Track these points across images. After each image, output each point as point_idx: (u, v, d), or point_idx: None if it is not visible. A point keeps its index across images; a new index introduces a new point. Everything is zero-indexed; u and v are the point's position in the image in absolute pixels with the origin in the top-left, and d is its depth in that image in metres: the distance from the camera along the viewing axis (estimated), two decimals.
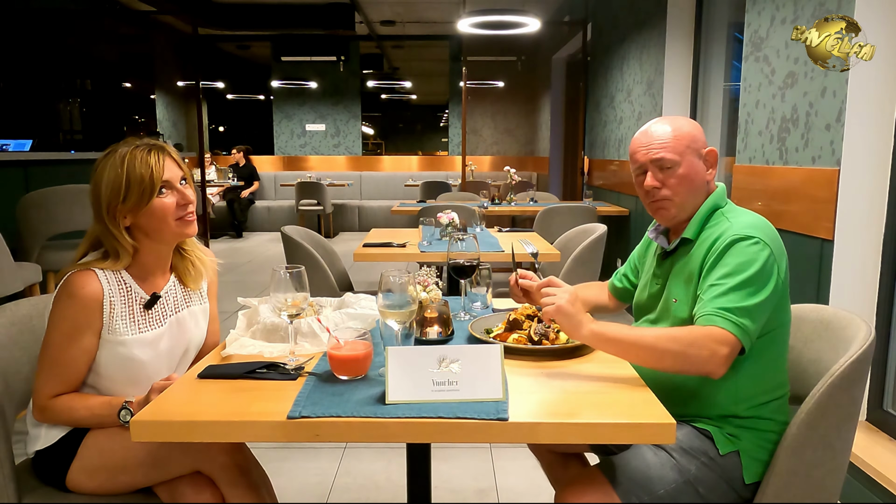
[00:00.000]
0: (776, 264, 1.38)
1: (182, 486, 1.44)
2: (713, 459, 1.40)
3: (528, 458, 1.98)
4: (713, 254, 1.42)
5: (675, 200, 1.51)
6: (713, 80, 4.29)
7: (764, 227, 1.43)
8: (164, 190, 1.48)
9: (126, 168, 1.44)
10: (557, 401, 1.24)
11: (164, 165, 1.48)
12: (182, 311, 1.61)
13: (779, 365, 1.47)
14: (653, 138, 1.52)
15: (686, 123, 1.54)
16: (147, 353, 1.52)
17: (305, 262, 2.83)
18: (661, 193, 1.51)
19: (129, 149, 1.46)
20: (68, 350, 1.43)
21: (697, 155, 1.52)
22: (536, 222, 4.70)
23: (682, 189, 1.50)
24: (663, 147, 1.50)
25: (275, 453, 2.71)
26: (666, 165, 1.50)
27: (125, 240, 1.48)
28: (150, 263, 1.55)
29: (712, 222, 1.50)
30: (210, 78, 11.23)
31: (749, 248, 1.37)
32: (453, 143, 11.47)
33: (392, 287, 1.32)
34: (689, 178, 1.50)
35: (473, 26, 5.46)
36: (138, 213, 1.46)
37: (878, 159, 2.28)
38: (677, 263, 1.54)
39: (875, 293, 2.33)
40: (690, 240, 1.52)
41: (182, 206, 1.50)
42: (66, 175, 4.34)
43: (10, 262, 3.08)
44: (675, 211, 1.53)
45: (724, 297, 1.34)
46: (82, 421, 1.47)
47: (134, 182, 1.44)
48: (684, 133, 1.51)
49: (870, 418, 2.35)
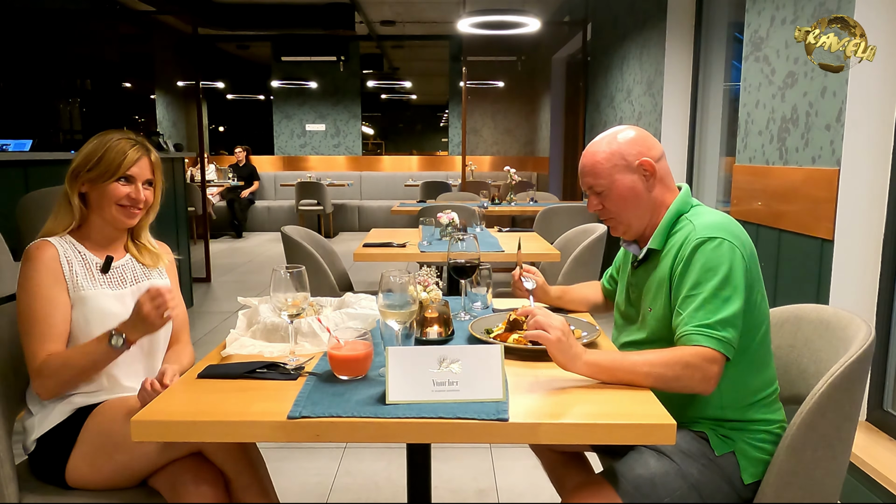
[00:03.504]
0: (743, 260, 1.38)
1: (182, 477, 1.44)
2: (712, 461, 1.41)
3: (528, 458, 1.98)
4: (680, 261, 1.42)
5: (620, 219, 1.55)
6: (713, 80, 4.29)
7: (726, 225, 1.42)
8: (124, 180, 1.62)
9: (106, 148, 1.61)
10: (557, 401, 1.24)
11: (138, 163, 1.63)
12: (143, 281, 1.69)
13: (761, 365, 1.46)
14: (583, 165, 1.55)
15: (611, 143, 1.52)
16: (116, 306, 1.59)
17: (305, 262, 2.83)
18: (604, 215, 1.56)
19: (118, 136, 1.64)
20: (44, 307, 1.51)
21: (629, 170, 1.50)
22: (536, 222, 4.70)
23: (620, 209, 1.53)
24: (590, 175, 1.53)
25: (275, 453, 2.71)
26: (597, 191, 1.53)
27: (75, 202, 1.62)
28: (96, 236, 1.66)
29: (677, 228, 1.50)
30: (210, 78, 11.23)
31: (714, 250, 1.37)
32: (453, 143, 11.47)
33: (392, 287, 1.32)
34: (624, 197, 1.51)
35: (473, 26, 5.46)
36: (93, 186, 1.62)
37: (878, 159, 2.28)
38: (648, 273, 1.55)
39: (875, 293, 2.33)
40: (658, 250, 1.52)
41: (131, 200, 1.63)
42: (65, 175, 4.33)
43: (10, 262, 3.08)
44: (624, 228, 1.56)
45: (701, 310, 1.34)
46: (79, 367, 1.51)
47: (105, 161, 1.60)
48: (607, 154, 1.51)
49: (870, 418, 2.35)
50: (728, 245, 1.37)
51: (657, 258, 1.52)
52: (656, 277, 1.50)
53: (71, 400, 1.56)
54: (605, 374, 1.30)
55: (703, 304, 1.34)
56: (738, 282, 1.35)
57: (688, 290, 1.38)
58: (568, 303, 1.88)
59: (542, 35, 7.54)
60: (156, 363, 1.68)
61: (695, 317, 1.34)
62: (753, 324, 1.43)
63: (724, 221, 1.44)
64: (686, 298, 1.38)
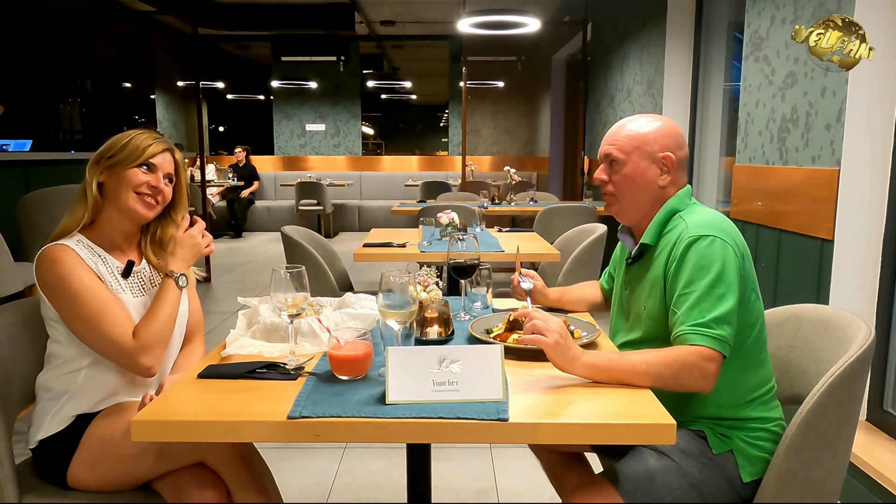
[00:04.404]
0: (735, 257, 1.38)
1: (184, 483, 1.44)
2: (711, 459, 1.41)
3: (528, 458, 1.98)
4: (673, 260, 1.42)
5: (618, 197, 1.55)
6: (713, 80, 4.29)
7: (718, 222, 1.43)
8: (145, 168, 1.58)
9: (130, 138, 1.58)
10: (557, 401, 1.24)
11: (161, 155, 1.61)
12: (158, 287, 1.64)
13: (756, 363, 1.47)
14: (611, 133, 1.57)
15: (646, 125, 1.54)
16: (141, 313, 1.56)
17: (305, 262, 2.83)
18: (606, 188, 1.57)
19: (146, 132, 1.62)
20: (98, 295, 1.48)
21: (649, 158, 1.52)
22: (536, 222, 4.70)
23: (624, 188, 1.53)
24: (613, 144, 1.54)
25: (275, 453, 2.71)
26: (612, 161, 1.54)
27: (92, 191, 1.57)
28: (110, 231, 1.61)
29: (670, 226, 1.50)
30: (210, 78, 11.23)
31: (707, 248, 1.38)
32: (453, 143, 11.47)
33: (392, 287, 1.32)
34: (632, 178, 1.52)
35: (473, 26, 5.46)
36: (112, 173, 1.57)
37: (878, 159, 2.28)
38: (642, 270, 1.55)
39: (875, 293, 2.33)
40: (650, 245, 1.52)
41: (151, 188, 1.59)
42: (65, 175, 4.34)
43: (10, 262, 3.08)
44: (618, 209, 1.58)
45: (695, 308, 1.34)
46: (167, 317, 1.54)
47: (128, 148, 1.57)
48: (637, 134, 1.53)
49: (870, 418, 2.35)
50: (720, 242, 1.38)
51: (650, 256, 1.53)
52: (650, 276, 1.50)
53: (78, 403, 1.54)
54: (603, 374, 1.30)
55: (698, 303, 1.35)
56: (731, 279, 1.36)
57: (681, 288, 1.38)
58: (567, 303, 1.88)
59: (541, 35, 7.54)
60: (167, 363, 1.66)
61: (690, 315, 1.35)
62: (748, 322, 1.43)
63: (715, 219, 1.44)
64: (680, 297, 1.38)
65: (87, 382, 1.54)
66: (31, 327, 1.61)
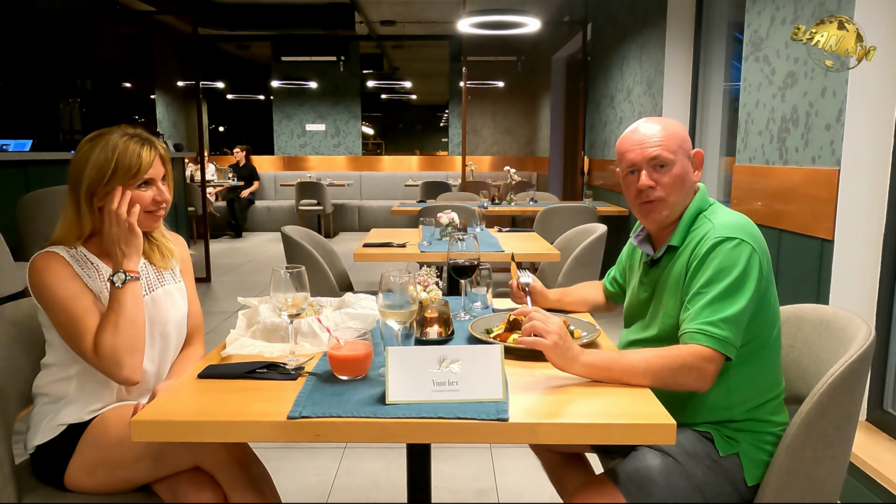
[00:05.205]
0: (759, 262, 1.38)
1: (182, 485, 1.44)
2: (716, 462, 1.40)
3: (528, 458, 1.98)
4: (696, 257, 1.42)
5: (669, 201, 1.49)
6: (713, 80, 4.29)
7: (745, 226, 1.42)
8: (144, 185, 1.52)
9: (117, 155, 1.48)
10: (557, 401, 1.24)
11: (153, 161, 1.53)
12: (156, 290, 1.62)
13: (770, 367, 1.46)
14: (646, 136, 1.50)
15: (674, 123, 1.54)
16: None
17: (305, 262, 2.83)
18: (654, 194, 1.49)
19: (122, 137, 1.50)
20: (75, 304, 1.43)
21: (687, 156, 1.52)
22: (536, 222, 4.70)
23: (675, 189, 1.49)
24: (659, 145, 1.48)
25: (275, 453, 2.71)
26: (661, 164, 1.48)
27: (87, 219, 1.51)
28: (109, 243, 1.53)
29: (696, 225, 1.50)
30: (210, 78, 11.23)
31: (732, 250, 1.37)
32: (453, 143, 11.47)
33: (392, 287, 1.32)
34: (682, 179, 1.49)
35: (473, 26, 5.46)
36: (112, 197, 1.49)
37: (878, 159, 2.28)
38: (665, 271, 1.53)
39: (875, 293, 2.33)
40: (676, 246, 1.51)
41: (155, 203, 1.55)
42: (65, 175, 4.33)
43: (10, 262, 3.08)
44: (668, 212, 1.51)
45: (707, 308, 1.34)
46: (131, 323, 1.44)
47: (121, 169, 1.48)
48: (676, 132, 1.51)
49: (870, 418, 2.35)
50: (746, 247, 1.37)
51: (673, 256, 1.51)
52: (672, 275, 1.49)
53: (70, 411, 1.53)
54: (603, 374, 1.30)
55: (711, 303, 1.34)
56: (750, 284, 1.35)
57: (699, 286, 1.38)
58: (568, 304, 1.87)
59: (541, 35, 7.54)
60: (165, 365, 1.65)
61: (700, 314, 1.34)
62: (768, 323, 1.43)
63: (742, 222, 1.43)
64: (695, 295, 1.38)
65: (78, 389, 1.53)
66: (31, 327, 1.61)
